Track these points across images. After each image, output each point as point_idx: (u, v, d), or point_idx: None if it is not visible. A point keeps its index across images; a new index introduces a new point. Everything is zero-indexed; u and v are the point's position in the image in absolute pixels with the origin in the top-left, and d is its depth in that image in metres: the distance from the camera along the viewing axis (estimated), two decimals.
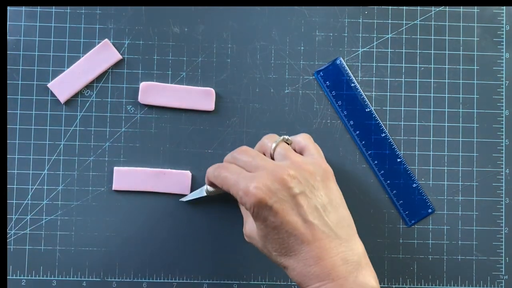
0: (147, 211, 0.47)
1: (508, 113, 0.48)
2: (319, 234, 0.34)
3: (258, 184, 0.34)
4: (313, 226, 0.35)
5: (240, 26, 0.48)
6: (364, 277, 0.35)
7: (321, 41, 0.48)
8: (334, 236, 0.35)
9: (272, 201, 0.34)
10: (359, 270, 0.35)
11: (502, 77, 0.48)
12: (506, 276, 0.47)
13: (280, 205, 0.34)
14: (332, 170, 0.39)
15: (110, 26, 0.47)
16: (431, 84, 0.48)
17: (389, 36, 0.48)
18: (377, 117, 0.48)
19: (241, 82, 0.48)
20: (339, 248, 0.35)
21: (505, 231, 0.48)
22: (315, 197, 0.36)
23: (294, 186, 0.35)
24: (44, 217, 0.46)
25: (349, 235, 0.36)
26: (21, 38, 0.47)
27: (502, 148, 0.48)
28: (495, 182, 0.48)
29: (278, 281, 0.47)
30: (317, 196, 0.36)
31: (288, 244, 0.35)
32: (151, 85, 0.47)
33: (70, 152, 0.47)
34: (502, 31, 0.48)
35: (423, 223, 0.48)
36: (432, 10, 0.48)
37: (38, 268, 0.46)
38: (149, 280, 0.46)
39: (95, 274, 0.46)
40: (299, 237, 0.34)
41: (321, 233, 0.35)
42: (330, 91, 0.48)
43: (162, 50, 0.47)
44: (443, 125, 0.48)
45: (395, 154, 0.48)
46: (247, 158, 0.38)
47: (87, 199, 0.47)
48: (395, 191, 0.47)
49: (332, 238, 0.35)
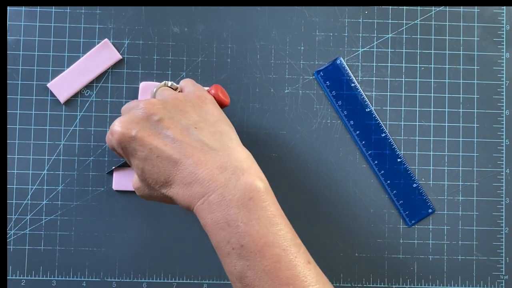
0: (147, 211, 0.47)
1: (508, 113, 0.48)
2: (189, 150, 0.34)
3: (120, 122, 0.35)
4: (183, 144, 0.34)
5: (240, 26, 0.48)
6: (247, 179, 0.33)
7: (321, 41, 0.48)
8: (208, 149, 0.34)
9: (135, 131, 0.34)
10: (239, 174, 0.33)
11: (502, 77, 0.48)
12: (507, 276, 0.47)
13: (144, 132, 0.34)
14: (211, 96, 0.39)
15: (110, 26, 0.47)
16: (431, 84, 0.48)
17: (389, 36, 0.48)
18: (377, 117, 0.48)
19: (241, 82, 0.48)
20: (215, 158, 0.34)
21: (505, 231, 0.48)
22: (184, 119, 0.35)
23: (157, 112, 0.35)
24: (44, 217, 0.46)
25: (227, 145, 0.35)
26: (21, 38, 0.47)
27: (503, 148, 0.48)
28: (495, 182, 0.48)
29: None
30: (187, 118, 0.36)
31: (164, 170, 0.34)
32: (151, 85, 0.47)
33: (70, 152, 0.47)
34: (502, 31, 0.48)
35: (423, 223, 0.47)
36: (432, 10, 0.48)
37: (38, 268, 0.46)
38: (149, 280, 0.46)
39: (95, 274, 0.46)
40: (170, 158, 0.34)
41: (192, 149, 0.34)
42: (330, 91, 0.48)
43: (162, 50, 0.47)
44: (443, 125, 0.48)
45: (395, 154, 0.48)
46: (126, 105, 0.38)
47: (87, 199, 0.47)
48: (395, 191, 0.47)
49: (205, 151, 0.34)
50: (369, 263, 0.47)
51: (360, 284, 0.47)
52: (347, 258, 0.47)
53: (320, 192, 0.47)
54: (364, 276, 0.47)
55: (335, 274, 0.47)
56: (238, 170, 0.33)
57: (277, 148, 0.47)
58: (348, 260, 0.47)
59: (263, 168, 0.34)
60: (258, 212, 0.32)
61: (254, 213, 0.32)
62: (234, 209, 0.32)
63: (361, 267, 0.47)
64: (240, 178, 0.33)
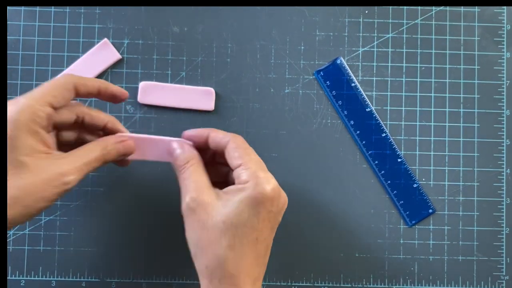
0: (147, 212, 0.47)
1: (509, 113, 0.48)
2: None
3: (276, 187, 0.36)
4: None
5: (240, 26, 0.48)
6: None
7: (321, 40, 0.48)
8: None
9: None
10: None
11: (503, 77, 0.48)
12: (507, 277, 0.47)
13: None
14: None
15: (109, 25, 0.47)
16: (432, 84, 0.48)
17: (389, 35, 0.48)
18: (377, 117, 0.48)
19: (241, 82, 0.47)
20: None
21: (506, 231, 0.47)
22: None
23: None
24: (43, 218, 0.46)
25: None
26: (20, 38, 0.47)
27: (503, 148, 0.48)
28: (496, 182, 0.48)
29: (278, 281, 0.47)
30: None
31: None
32: (151, 85, 0.47)
33: None
34: (502, 30, 0.48)
35: (424, 224, 0.47)
36: (433, 10, 0.48)
37: (37, 269, 0.46)
38: (148, 280, 0.46)
39: (94, 274, 0.46)
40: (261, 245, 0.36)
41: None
42: (330, 91, 0.48)
43: (161, 50, 0.47)
44: (444, 125, 0.48)
45: (395, 154, 0.47)
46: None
47: (86, 199, 0.46)
48: (395, 191, 0.47)
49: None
50: (369, 263, 0.47)
51: (360, 284, 0.47)
52: (347, 258, 0.47)
53: (320, 192, 0.47)
54: (364, 276, 0.47)
55: (335, 274, 0.47)
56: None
57: (277, 148, 0.47)
58: (348, 260, 0.47)
59: None
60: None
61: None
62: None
63: (361, 267, 0.47)
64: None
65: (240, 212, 0.34)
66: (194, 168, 0.37)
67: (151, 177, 0.47)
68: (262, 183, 0.34)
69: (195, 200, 0.35)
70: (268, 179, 0.35)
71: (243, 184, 0.34)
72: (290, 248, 0.47)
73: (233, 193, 0.34)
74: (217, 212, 0.34)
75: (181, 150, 0.38)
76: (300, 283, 0.47)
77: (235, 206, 0.34)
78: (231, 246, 0.33)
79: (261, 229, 0.34)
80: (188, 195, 0.35)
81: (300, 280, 0.47)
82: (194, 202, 0.34)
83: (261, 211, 0.34)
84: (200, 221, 0.34)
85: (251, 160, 0.36)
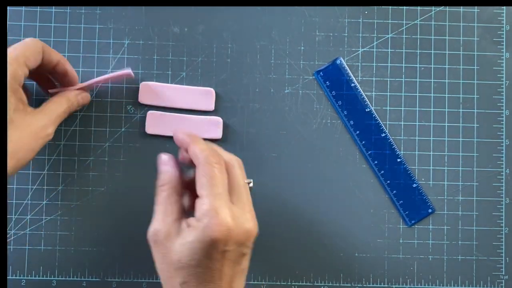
0: (147, 211, 0.47)
1: (508, 113, 0.48)
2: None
3: (255, 222, 0.35)
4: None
5: (240, 26, 0.48)
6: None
7: (321, 41, 0.48)
8: None
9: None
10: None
11: (502, 77, 0.48)
12: (506, 276, 0.47)
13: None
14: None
15: (110, 26, 0.47)
16: (431, 84, 0.48)
17: (389, 36, 0.48)
18: (377, 117, 0.48)
19: (241, 82, 0.48)
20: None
21: (505, 231, 0.48)
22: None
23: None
24: (44, 217, 0.46)
25: None
26: (21, 38, 0.47)
27: (502, 148, 0.48)
28: (495, 182, 0.48)
29: (278, 281, 0.47)
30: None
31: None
32: (151, 85, 0.47)
33: (70, 152, 0.47)
34: (502, 31, 0.48)
35: (423, 223, 0.47)
36: (432, 10, 0.48)
37: (38, 268, 0.46)
38: (149, 280, 0.46)
39: (95, 274, 0.46)
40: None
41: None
42: (330, 91, 0.48)
43: (162, 50, 0.47)
44: (443, 125, 0.48)
45: (395, 154, 0.48)
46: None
47: (87, 199, 0.47)
48: (395, 191, 0.47)
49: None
50: (369, 263, 0.47)
51: (360, 284, 0.47)
52: (347, 258, 0.47)
53: (320, 192, 0.47)
54: (364, 276, 0.47)
55: (335, 274, 0.47)
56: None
57: (277, 148, 0.47)
58: (348, 260, 0.47)
59: (263, 168, 0.34)
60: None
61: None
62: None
63: (361, 267, 0.47)
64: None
65: (192, 254, 0.33)
66: (167, 194, 0.36)
67: (151, 177, 0.47)
68: (213, 225, 0.33)
69: (156, 233, 0.35)
70: (221, 219, 0.33)
71: (196, 222, 0.34)
72: (290, 248, 0.47)
73: (189, 231, 0.34)
74: (174, 250, 0.34)
75: (163, 169, 0.38)
76: (300, 282, 0.47)
77: (188, 247, 0.33)
78: (186, 283, 0.33)
79: (219, 268, 0.33)
80: (153, 226, 0.36)
81: (300, 280, 0.47)
82: (156, 235, 0.35)
83: (212, 252, 0.33)
84: (161, 253, 0.35)
85: (213, 193, 0.34)
